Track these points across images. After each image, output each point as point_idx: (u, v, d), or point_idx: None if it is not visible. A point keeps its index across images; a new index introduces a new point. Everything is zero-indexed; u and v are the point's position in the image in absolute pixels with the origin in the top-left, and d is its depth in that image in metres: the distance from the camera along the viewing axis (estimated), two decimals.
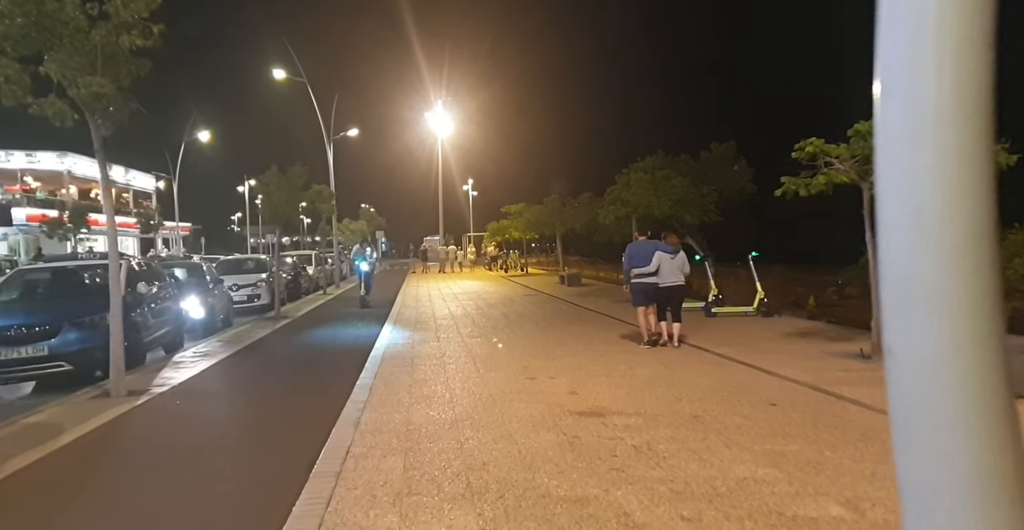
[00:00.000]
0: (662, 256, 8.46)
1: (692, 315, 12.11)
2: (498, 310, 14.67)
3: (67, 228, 25.70)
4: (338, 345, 10.16)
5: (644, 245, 8.86)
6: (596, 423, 5.11)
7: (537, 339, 9.96)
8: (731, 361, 7.63)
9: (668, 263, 8.45)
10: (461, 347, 9.33)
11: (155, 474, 4.43)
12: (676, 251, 8.60)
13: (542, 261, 42.47)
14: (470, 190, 55.60)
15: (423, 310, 15.04)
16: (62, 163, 37.34)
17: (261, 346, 10.22)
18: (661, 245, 8.65)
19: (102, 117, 5.96)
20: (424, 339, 10.28)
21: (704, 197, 15.11)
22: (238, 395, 6.67)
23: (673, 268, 8.47)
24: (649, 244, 8.83)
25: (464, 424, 5.18)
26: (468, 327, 11.73)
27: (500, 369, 7.56)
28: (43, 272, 8.69)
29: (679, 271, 8.52)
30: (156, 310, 9.03)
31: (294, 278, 20.31)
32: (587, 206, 23.38)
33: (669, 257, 8.48)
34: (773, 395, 5.86)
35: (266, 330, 12.12)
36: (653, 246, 8.68)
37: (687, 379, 6.70)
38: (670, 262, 8.46)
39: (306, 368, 8.16)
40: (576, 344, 9.29)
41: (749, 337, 9.38)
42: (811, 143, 7.15)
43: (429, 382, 6.92)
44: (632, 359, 7.93)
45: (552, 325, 11.76)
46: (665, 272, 8.42)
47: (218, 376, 7.76)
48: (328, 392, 6.72)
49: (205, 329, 11.65)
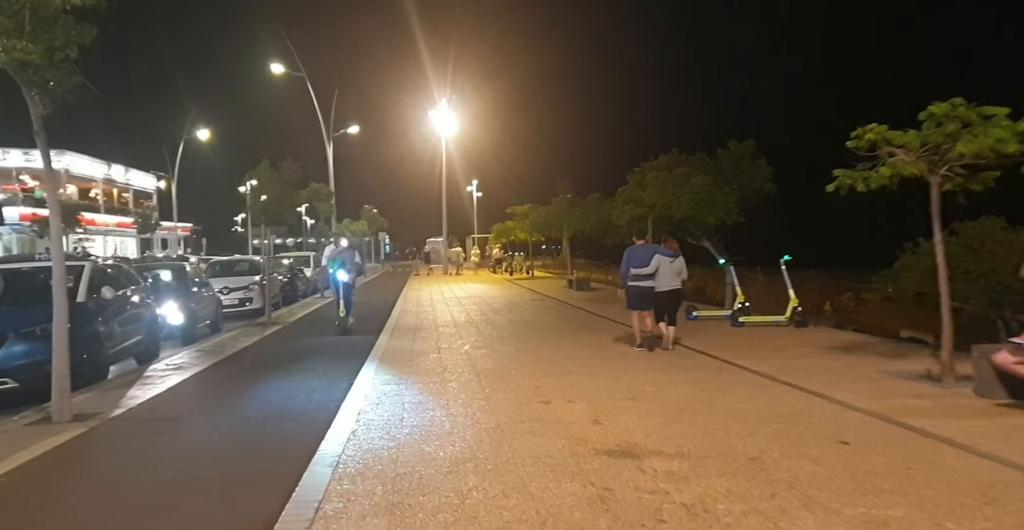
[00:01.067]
0: (661, 259, 8.42)
1: (718, 325, 11.12)
2: (503, 316, 13.69)
3: None
4: (328, 356, 9.20)
5: (643, 249, 8.75)
6: (630, 468, 4.11)
7: (548, 351, 8.97)
8: (774, 382, 6.63)
9: (667, 267, 8.39)
10: (464, 360, 8.35)
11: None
12: (675, 255, 8.53)
13: (548, 264, 41.51)
14: (474, 191, 54.67)
15: (424, 316, 14.07)
16: (59, 161, 36.41)
17: (243, 357, 9.25)
18: (660, 249, 8.60)
19: (40, 91, 5.02)
20: (423, 350, 9.31)
21: (726, 196, 14.09)
22: (202, 422, 5.70)
23: (671, 272, 8.42)
24: (648, 248, 8.75)
25: (467, 467, 4.19)
26: (472, 336, 10.75)
27: (508, 389, 6.57)
28: None
29: (676, 275, 8.47)
30: (125, 317, 8.08)
31: (290, 281, 19.36)
32: (596, 207, 22.42)
33: (668, 261, 8.43)
34: (839, 429, 4.86)
35: (253, 338, 11.16)
36: (652, 250, 8.62)
37: (729, 405, 5.71)
38: (669, 266, 8.40)
39: (288, 385, 7.19)
40: (592, 358, 8.30)
41: (787, 352, 8.38)
42: (872, 129, 6.15)
43: (426, 406, 5.93)
44: (660, 378, 6.93)
45: (562, 334, 10.76)
46: (663, 276, 8.39)
47: (185, 396, 6.78)
48: (309, 416, 5.75)
49: (186, 336, 10.69)
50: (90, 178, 40.48)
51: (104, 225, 39.08)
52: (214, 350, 9.78)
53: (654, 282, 8.43)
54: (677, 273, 8.50)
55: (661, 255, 8.47)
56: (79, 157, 38.20)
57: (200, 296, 12.05)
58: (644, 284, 8.48)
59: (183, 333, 10.63)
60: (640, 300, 8.58)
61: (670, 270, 8.43)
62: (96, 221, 37.82)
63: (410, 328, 12.02)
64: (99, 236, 39.50)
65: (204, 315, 12.15)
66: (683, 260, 8.64)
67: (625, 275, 8.70)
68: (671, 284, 8.44)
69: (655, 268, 8.39)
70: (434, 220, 39.87)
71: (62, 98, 5.15)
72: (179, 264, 13.28)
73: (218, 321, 13.03)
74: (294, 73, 22.46)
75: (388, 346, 9.75)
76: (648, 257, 8.48)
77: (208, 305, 12.44)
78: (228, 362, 8.76)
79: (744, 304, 11.47)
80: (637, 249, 8.79)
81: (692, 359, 8.15)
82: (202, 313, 11.98)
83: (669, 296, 8.48)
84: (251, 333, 11.73)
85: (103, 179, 41.75)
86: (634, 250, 8.79)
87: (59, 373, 5.45)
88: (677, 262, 8.52)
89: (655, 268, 8.39)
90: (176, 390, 7.01)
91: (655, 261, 8.41)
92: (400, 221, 76.98)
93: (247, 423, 5.68)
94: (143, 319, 8.66)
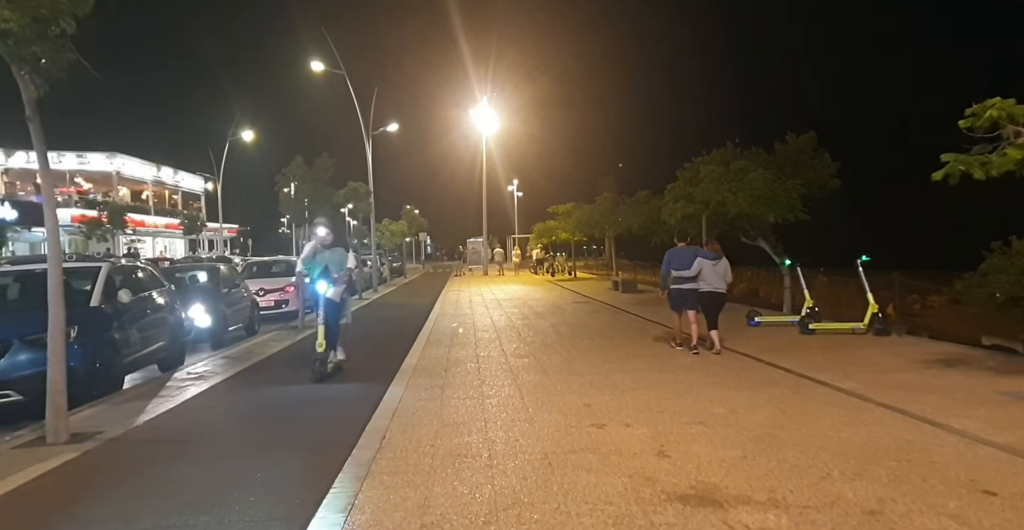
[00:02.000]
0: (703, 262, 8.29)
1: (783, 332, 10.07)
2: (547, 321, 12.87)
3: (105, 228, 25.22)
4: (356, 363, 8.59)
5: (684, 251, 8.60)
6: (714, 522, 3.26)
7: (597, 361, 8.12)
8: (868, 403, 5.65)
9: (710, 268, 8.28)
10: (505, 371, 7.58)
11: None
12: (718, 258, 8.38)
13: (590, 265, 40.45)
14: (515, 190, 53.96)
15: (462, 319, 13.37)
16: (111, 164, 37.41)
17: (269, 365, 8.68)
18: (702, 251, 8.46)
19: (30, 70, 4.46)
20: (460, 359, 8.57)
21: (789, 192, 12.95)
22: (209, 445, 5.06)
23: (715, 274, 8.29)
24: (689, 250, 8.59)
25: (508, 516, 3.40)
26: (513, 343, 9.97)
27: (555, 407, 5.76)
28: (3, 277, 7.32)
29: (721, 278, 8.34)
30: (146, 322, 7.58)
31: None
32: (643, 205, 21.41)
33: (711, 263, 8.31)
34: (974, 471, 3.89)
35: (284, 343, 10.63)
36: (693, 252, 8.48)
37: (820, 433, 4.78)
38: (712, 268, 8.28)
39: (310, 399, 6.55)
40: (648, 371, 7.42)
41: (876, 365, 7.33)
42: (994, 105, 5.12)
43: (462, 428, 5.17)
44: (730, 397, 6.01)
45: (612, 342, 9.88)
46: (706, 277, 8.28)
47: (198, 411, 6.17)
48: (328, 438, 5.07)
49: (215, 340, 10.22)
50: (140, 180, 41.36)
51: (153, 226, 39.85)
52: (241, 356, 9.24)
53: (697, 284, 8.34)
54: (722, 276, 8.35)
55: (703, 258, 8.33)
56: (130, 159, 39.04)
57: (233, 298, 11.60)
58: (686, 286, 8.38)
59: (212, 337, 10.15)
60: (682, 301, 8.47)
61: (714, 272, 8.28)
62: (146, 222, 38.57)
63: (447, 333, 11.32)
64: (148, 237, 40.31)
65: (238, 318, 11.71)
66: (727, 262, 8.47)
67: (666, 276, 8.62)
68: (715, 286, 8.31)
69: (696, 271, 8.28)
70: (474, 220, 39.33)
71: (56, 78, 4.57)
72: (212, 265, 12.89)
73: (254, 324, 12.60)
74: (334, 71, 22.09)
75: (424, 353, 9.06)
76: (690, 259, 8.35)
77: (242, 307, 12.00)
78: (251, 372, 8.18)
79: (812, 308, 10.39)
80: (678, 251, 8.62)
81: (763, 373, 7.19)
82: (235, 316, 11.54)
83: (712, 297, 8.34)
84: (283, 338, 11.20)
85: (153, 181, 42.64)
86: (675, 252, 8.63)
87: (54, 388, 4.89)
88: (720, 264, 8.35)
89: (696, 271, 8.28)
90: (189, 405, 6.41)
91: (696, 264, 8.28)
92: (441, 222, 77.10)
93: (254, 451, 5.02)
94: (166, 324, 8.16)
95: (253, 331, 12.43)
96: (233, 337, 11.54)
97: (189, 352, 9.77)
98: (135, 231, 35.39)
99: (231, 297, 11.47)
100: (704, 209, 13.92)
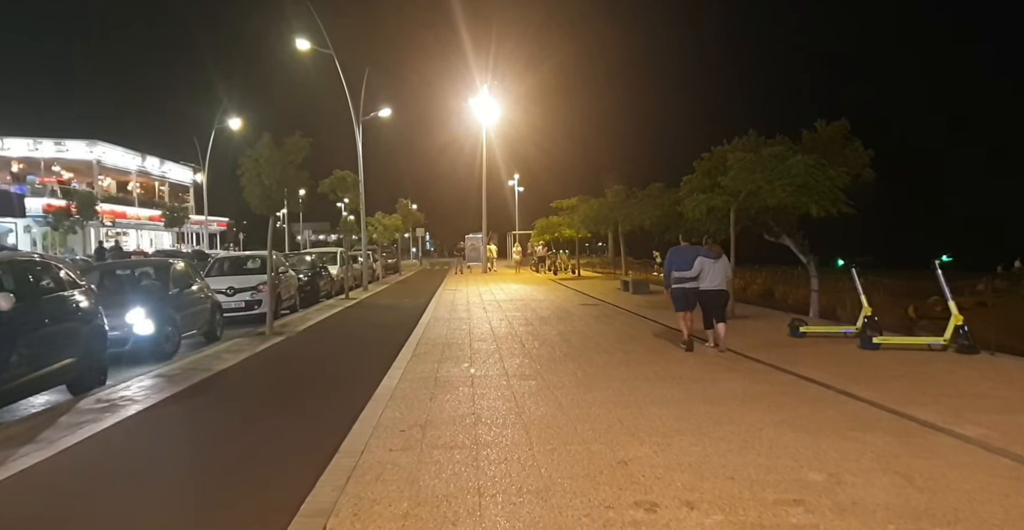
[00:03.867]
0: (704, 261, 8.32)
1: (838, 346, 8.37)
2: (553, 327, 11.18)
3: (74, 219, 23.47)
4: (319, 383, 6.93)
5: (685, 250, 8.63)
6: None
7: (621, 386, 6.44)
8: (1021, 463, 3.97)
9: (711, 266, 8.32)
10: (507, 401, 5.90)
11: None
12: (717, 257, 8.40)
13: (592, 262, 38.72)
14: (515, 185, 52.17)
15: (457, 325, 11.69)
16: (91, 152, 35.59)
17: (213, 386, 6.99)
18: (703, 251, 8.50)
19: None
20: (451, 380, 6.89)
21: (832, 181, 11.26)
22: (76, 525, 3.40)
23: (716, 272, 8.32)
24: (691, 250, 8.61)
25: None
26: (516, 357, 8.29)
27: (578, 467, 4.08)
28: None
29: (723, 276, 8.38)
30: (40, 335, 5.85)
31: (310, 280, 17.25)
32: (655, 199, 19.66)
33: (711, 261, 8.33)
34: None
35: (242, 354, 8.93)
36: (695, 252, 8.51)
37: (983, 519, 3.10)
38: (712, 265, 8.32)
39: (250, 438, 4.89)
40: (689, 400, 5.74)
41: (989, 398, 5.67)
42: None
43: (443, 507, 3.49)
44: (820, 449, 4.33)
45: (634, 356, 8.19)
46: (707, 276, 8.32)
47: (76, 471, 4.47)
48: (253, 511, 3.39)
49: (157, 351, 8.51)
50: (124, 170, 39.54)
51: (136, 218, 38.04)
52: (182, 374, 7.54)
53: (698, 282, 8.37)
54: (723, 274, 8.38)
55: (703, 257, 8.32)
56: (112, 148, 37.22)
57: (186, 300, 9.89)
58: (689, 285, 8.40)
59: (153, 347, 8.44)
60: (686, 301, 8.48)
61: (715, 271, 8.30)
62: (128, 214, 36.80)
63: (439, 343, 9.64)
64: (132, 230, 38.52)
65: (192, 323, 10.00)
66: (727, 260, 8.54)
67: (668, 276, 8.67)
68: (717, 284, 8.32)
69: (698, 272, 8.29)
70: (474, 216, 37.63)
71: None
72: (162, 261, 11.15)
73: (215, 329, 10.90)
74: (321, 50, 20.35)
75: (407, 372, 7.37)
76: (691, 259, 8.36)
77: (198, 311, 10.28)
78: (188, 395, 6.49)
79: (872, 318, 8.72)
80: (680, 250, 8.64)
81: (843, 407, 5.51)
82: (189, 321, 9.83)
83: (714, 296, 8.35)
84: (242, 348, 9.50)
85: (137, 171, 40.85)
86: (676, 251, 8.66)
87: None
88: (721, 263, 8.36)
89: (698, 272, 8.29)
90: (74, 454, 4.71)
91: (698, 264, 8.29)
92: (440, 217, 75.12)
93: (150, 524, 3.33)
94: (77, 335, 6.45)
95: (214, 337, 10.73)
96: (189, 345, 9.86)
97: (126, 366, 8.10)
98: (114, 223, 33.65)
99: (183, 298, 9.75)
100: (733, 201, 12.22)
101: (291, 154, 10.24)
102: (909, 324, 13.01)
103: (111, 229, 34.11)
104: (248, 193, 10.35)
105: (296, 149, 10.23)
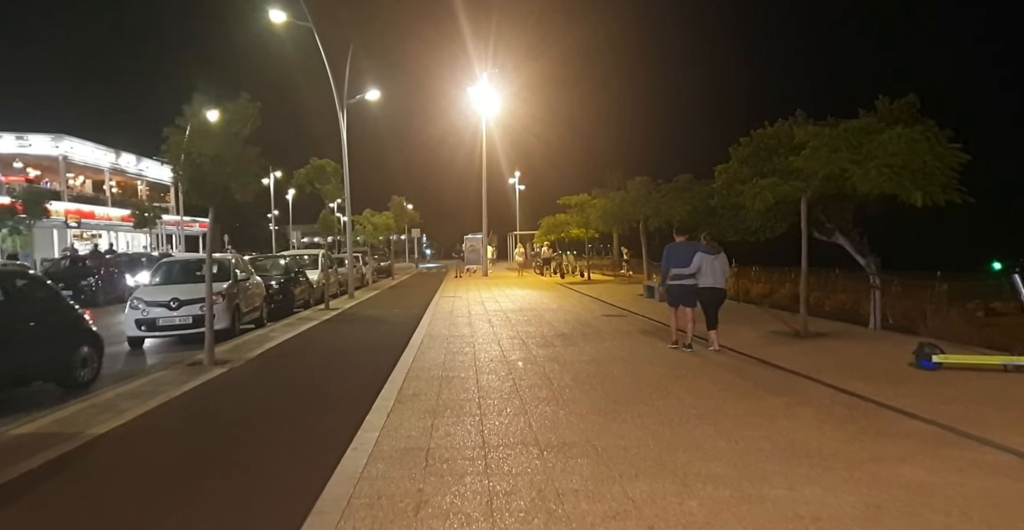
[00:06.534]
0: (703, 257, 8.19)
1: (993, 384, 5.78)
2: (580, 350, 8.59)
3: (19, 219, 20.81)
4: (237, 469, 4.36)
5: (684, 247, 8.48)
6: None
7: (740, 479, 3.87)
8: None
9: (709, 264, 8.19)
10: (546, 507, 3.30)
11: None
12: (716, 253, 8.27)
13: (599, 264, 36.11)
14: (516, 183, 49.56)
15: (458, 347, 9.10)
16: (56, 147, 32.78)
17: (53, 478, 4.39)
18: (701, 247, 8.35)
19: None
20: (452, 455, 4.32)
21: (944, 160, 8.73)
22: None
23: (714, 269, 8.21)
24: (689, 246, 8.47)
25: None
26: (543, 404, 5.72)
27: None
28: None
29: (720, 273, 8.27)
30: None
31: (282, 287, 14.61)
32: (683, 192, 17.14)
33: (710, 258, 8.21)
34: None
35: (150, 401, 6.31)
36: (693, 247, 8.38)
37: None
38: (711, 263, 8.20)
39: None
40: (849, 505, 3.16)
41: None
42: None
43: None
44: None
45: (717, 405, 5.61)
46: (706, 273, 8.21)
47: None
48: None
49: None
50: (96, 168, 36.77)
51: (106, 219, 35.18)
52: (22, 445, 4.91)
53: (696, 279, 8.25)
54: (721, 271, 8.28)
55: (702, 254, 8.21)
56: (81, 143, 34.43)
57: (33, 330, 6.88)
58: (686, 282, 8.30)
59: None
60: (681, 296, 8.38)
61: (713, 268, 8.20)
62: (96, 214, 33.99)
63: (434, 377, 7.06)
64: (103, 231, 35.71)
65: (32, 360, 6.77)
66: (725, 258, 8.40)
67: (666, 273, 8.50)
68: (714, 282, 8.23)
69: (696, 268, 8.18)
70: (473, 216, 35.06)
71: None
72: (33, 274, 8.19)
73: (78, 368, 7.38)
74: (298, 22, 17.79)
75: (385, 438, 4.80)
76: (689, 256, 8.24)
77: (53, 343, 7.06)
78: None
79: None
80: (677, 247, 8.52)
81: None
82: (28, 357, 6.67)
83: (712, 294, 8.27)
84: (159, 388, 6.88)
85: (111, 169, 38.07)
86: (674, 248, 8.55)
87: None
88: (720, 260, 8.26)
89: (696, 268, 8.18)
90: None
91: (696, 260, 8.18)
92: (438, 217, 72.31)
93: None
94: None
95: (74, 382, 7.29)
96: (84, 379, 7.24)
97: None
98: (80, 224, 30.90)
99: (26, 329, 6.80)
100: (805, 188, 9.65)
101: (234, 124, 7.63)
102: None
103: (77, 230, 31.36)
104: (181, 176, 7.75)
105: (241, 117, 7.62)
